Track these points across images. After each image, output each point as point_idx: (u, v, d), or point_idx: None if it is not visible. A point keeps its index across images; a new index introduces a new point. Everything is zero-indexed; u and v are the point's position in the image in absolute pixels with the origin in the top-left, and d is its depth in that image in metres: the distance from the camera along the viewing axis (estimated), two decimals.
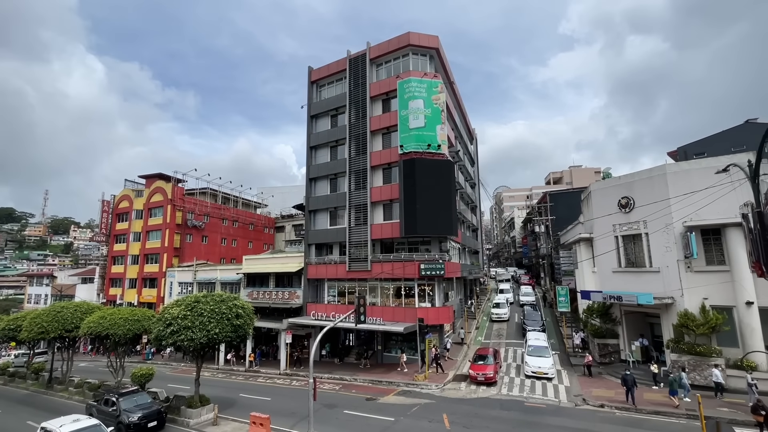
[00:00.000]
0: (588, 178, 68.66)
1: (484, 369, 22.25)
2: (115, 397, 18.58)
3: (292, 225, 57.06)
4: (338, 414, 19.10)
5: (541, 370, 22.16)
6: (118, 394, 18.89)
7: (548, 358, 23.05)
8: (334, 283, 32.32)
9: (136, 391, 19.87)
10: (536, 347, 23.95)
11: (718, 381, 17.64)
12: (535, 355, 23.22)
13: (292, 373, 28.48)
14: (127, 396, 18.85)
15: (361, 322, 15.73)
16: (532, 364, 22.51)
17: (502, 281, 63.85)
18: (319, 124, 35.97)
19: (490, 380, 21.78)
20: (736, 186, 17.12)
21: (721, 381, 17.61)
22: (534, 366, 22.38)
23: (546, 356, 23.08)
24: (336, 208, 33.35)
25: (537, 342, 24.75)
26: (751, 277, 18.46)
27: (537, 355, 23.17)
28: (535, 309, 37.94)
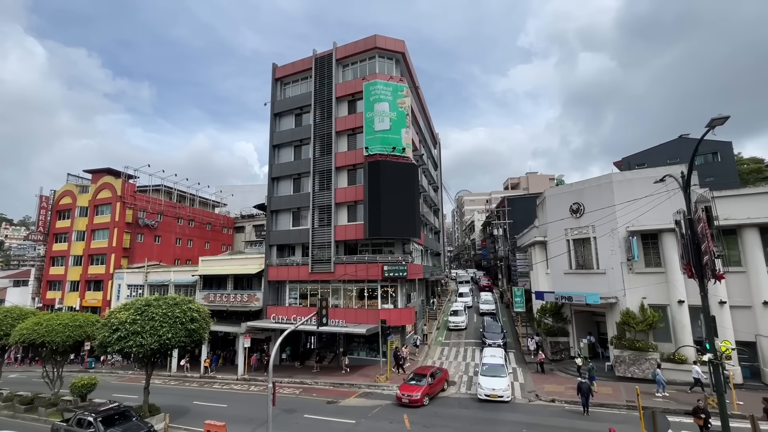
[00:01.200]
0: (543, 184, 72.35)
1: (411, 390, 19.58)
2: (92, 417, 15.81)
3: (252, 225, 55.37)
4: (298, 419, 18.77)
5: (495, 392, 19.28)
6: (96, 413, 16.08)
7: (504, 377, 19.97)
8: (296, 285, 31.74)
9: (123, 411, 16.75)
10: (491, 366, 20.82)
11: (697, 377, 18.66)
12: (490, 374, 20.22)
13: (250, 378, 27.60)
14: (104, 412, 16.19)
15: (324, 324, 15.55)
16: (486, 386, 19.58)
17: (462, 283, 63.35)
18: (282, 123, 35.25)
19: (414, 403, 19.16)
20: (671, 195, 18.73)
21: (700, 377, 18.60)
22: (487, 388, 19.47)
23: (501, 375, 20.06)
24: (299, 208, 32.80)
25: (492, 359, 21.54)
26: (682, 278, 20.25)
27: (492, 374, 20.20)
28: (496, 319, 35.30)
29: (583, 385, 17.25)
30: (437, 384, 20.87)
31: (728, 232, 20.22)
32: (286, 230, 32.96)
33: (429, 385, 20.00)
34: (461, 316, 37.12)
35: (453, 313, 38.26)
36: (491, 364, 21.03)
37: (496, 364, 21.05)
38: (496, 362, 21.21)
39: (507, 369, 21.15)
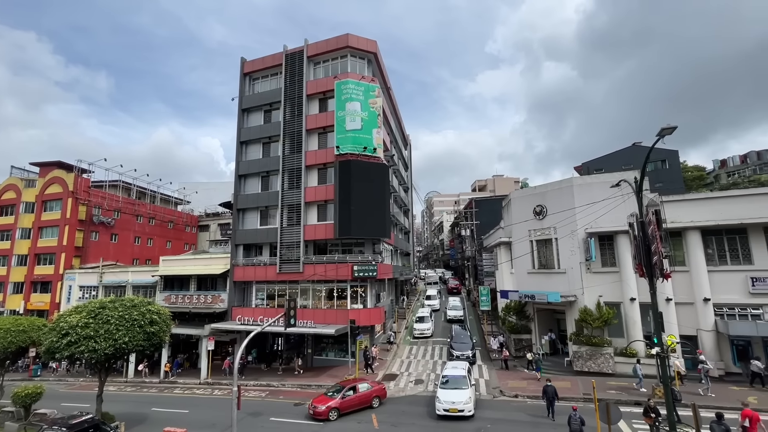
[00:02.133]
0: (509, 186, 74.77)
1: (320, 402, 18.51)
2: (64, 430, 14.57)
3: (217, 224, 53.55)
4: (264, 422, 18.38)
5: (455, 406, 17.28)
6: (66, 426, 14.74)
7: (465, 389, 17.98)
8: (263, 285, 31.03)
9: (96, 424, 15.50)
10: (452, 378, 18.79)
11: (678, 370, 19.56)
12: (450, 387, 18.25)
13: (214, 382, 26.69)
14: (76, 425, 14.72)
15: (291, 325, 15.30)
16: (445, 400, 17.47)
17: (430, 284, 61.71)
18: (251, 119, 34.35)
19: (318, 416, 18.03)
20: (625, 199, 19.92)
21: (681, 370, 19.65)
22: (447, 401, 17.39)
23: (463, 387, 18.11)
24: (267, 207, 32.09)
25: (454, 371, 19.44)
26: (634, 277, 21.57)
27: (452, 387, 18.23)
28: (465, 327, 32.33)
29: (548, 389, 16.73)
30: (356, 399, 19.02)
31: (674, 234, 21.76)
32: (254, 229, 32.15)
33: (343, 399, 18.63)
34: (427, 323, 34.59)
35: (418, 320, 35.18)
36: (453, 375, 19.00)
37: (457, 375, 19.01)
38: (458, 373, 19.14)
39: (469, 381, 18.85)
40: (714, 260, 21.55)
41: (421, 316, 35.69)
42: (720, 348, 20.70)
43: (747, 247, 21.05)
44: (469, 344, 26.60)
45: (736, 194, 23.10)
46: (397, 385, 23.08)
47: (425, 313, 36.44)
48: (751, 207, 20.78)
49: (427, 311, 37.53)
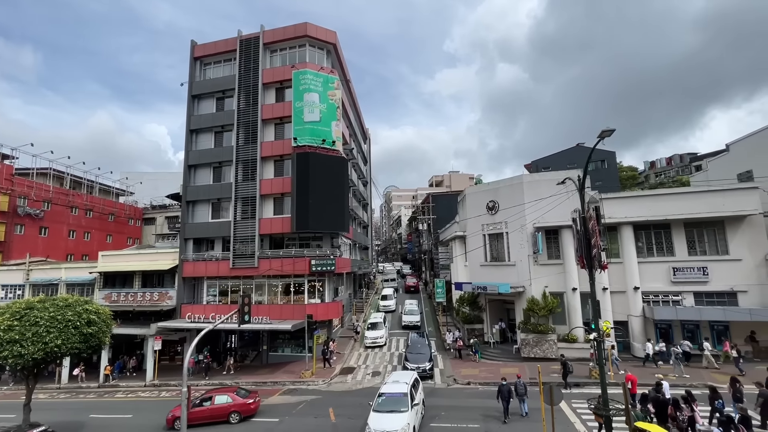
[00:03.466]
0: (464, 183, 77.22)
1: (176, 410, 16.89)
2: None
3: (165, 217, 50.40)
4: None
5: None
6: None
7: (404, 413, 14.46)
8: (215, 281, 29.77)
9: None
10: (389, 397, 15.25)
11: (647, 352, 21.21)
12: (385, 409, 14.80)
13: (161, 383, 25.29)
14: None
15: (246, 322, 14.84)
16: (375, 427, 13.99)
17: (387, 281, 56.18)
18: (202, 106, 32.54)
19: (168, 423, 17.49)
20: (569, 195, 21.34)
21: (649, 352, 21.16)
22: (378, 428, 13.94)
23: (401, 410, 14.58)
24: (220, 199, 30.70)
25: (394, 387, 15.85)
26: (576, 269, 23.23)
27: (388, 409, 14.77)
28: (423, 335, 27.38)
29: (503, 388, 15.66)
30: (207, 412, 17.82)
31: (611, 229, 23.68)
32: (205, 223, 30.65)
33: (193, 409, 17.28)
34: (380, 330, 29.94)
35: (371, 327, 30.50)
36: (390, 394, 15.40)
37: (396, 394, 15.32)
38: (397, 391, 15.48)
39: (411, 401, 14.97)
40: (643, 252, 23.77)
41: (374, 322, 30.93)
42: (646, 331, 22.95)
43: (670, 241, 23.43)
44: (427, 355, 23.28)
45: (661, 193, 25.65)
46: (354, 378, 23.26)
47: (378, 318, 31.81)
48: (674, 205, 23.13)
49: (380, 317, 32.53)
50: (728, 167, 29.54)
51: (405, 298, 45.83)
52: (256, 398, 18.52)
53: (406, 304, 38.29)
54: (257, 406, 18.33)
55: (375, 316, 33.04)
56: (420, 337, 26.48)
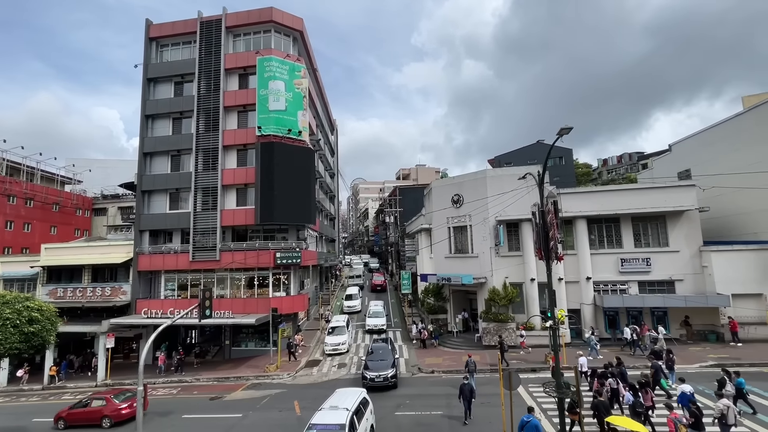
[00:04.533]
0: (430, 176, 78.34)
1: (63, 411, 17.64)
2: None
3: (118, 207, 47.40)
4: (175, 420, 17.19)
5: None
6: None
7: None
8: (174, 275, 28.53)
9: None
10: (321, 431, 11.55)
11: (626, 337, 22.35)
12: None
13: (114, 383, 24.02)
14: None
15: (207, 317, 14.35)
16: None
17: (352, 278, 52.24)
18: (159, 90, 30.74)
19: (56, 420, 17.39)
20: (530, 190, 22.24)
21: (627, 337, 22.24)
22: None
23: None
24: (178, 189, 29.31)
25: (330, 417, 12.12)
26: (534, 260, 24.40)
27: None
28: (387, 340, 23.40)
29: (465, 387, 14.61)
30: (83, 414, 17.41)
31: (567, 223, 24.99)
32: (162, 214, 29.18)
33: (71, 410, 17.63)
34: (342, 336, 26.30)
35: (332, 331, 27.03)
36: (322, 427, 11.67)
37: (330, 426, 11.61)
38: (333, 422, 11.78)
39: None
40: (595, 245, 25.33)
41: (335, 326, 27.41)
42: (596, 318, 24.57)
43: (619, 234, 25.11)
44: (390, 361, 19.73)
45: (612, 189, 27.37)
46: (320, 371, 23.24)
47: (340, 322, 28.08)
48: (622, 200, 24.78)
49: (343, 320, 28.78)
50: (670, 166, 31.98)
51: (371, 297, 42.98)
52: (132, 404, 16.93)
53: (371, 305, 34.02)
54: (131, 412, 16.82)
55: (337, 319, 29.08)
56: (383, 342, 22.76)
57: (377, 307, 33.01)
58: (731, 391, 13.35)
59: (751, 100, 35.83)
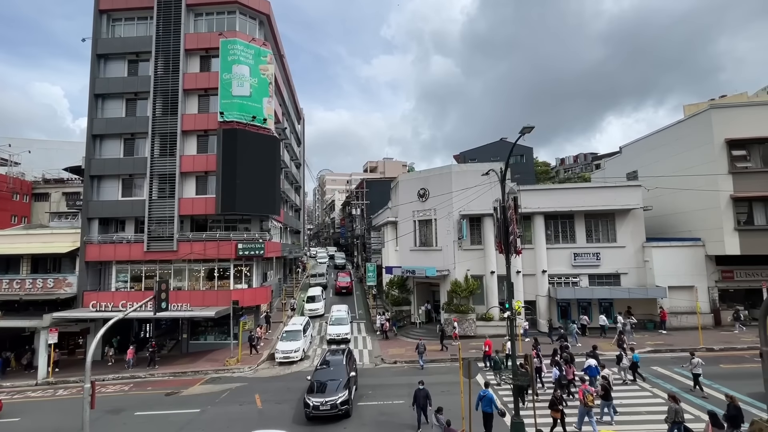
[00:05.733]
0: (397, 170, 78.79)
1: None
2: None
3: (62, 193, 43.85)
4: (127, 418, 16.41)
5: None
6: None
7: None
8: (127, 266, 27.00)
9: None
10: None
11: (603, 323, 23.88)
12: None
13: (57, 380, 22.47)
14: None
15: (163, 309, 13.74)
16: None
17: (315, 276, 46.88)
18: (110, 68, 28.63)
19: None
20: (492, 186, 23.02)
21: (605, 323, 23.77)
22: None
23: None
24: (132, 175, 27.63)
25: None
26: (495, 254, 25.32)
27: None
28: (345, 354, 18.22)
29: (419, 393, 13.60)
30: None
31: (525, 218, 26.13)
32: (114, 201, 27.42)
33: None
34: (296, 342, 23.34)
35: (285, 336, 23.99)
36: None
37: None
38: None
39: None
40: (551, 240, 26.70)
41: (290, 330, 24.48)
42: (550, 309, 26.01)
43: (573, 230, 26.62)
44: (341, 382, 15.47)
45: (567, 187, 28.95)
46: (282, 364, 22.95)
47: (296, 326, 24.81)
48: (577, 198, 26.26)
49: (300, 323, 25.47)
50: (621, 167, 34.20)
51: (335, 301, 37.95)
52: None
53: (334, 311, 29.21)
54: None
55: (294, 323, 25.82)
56: (340, 354, 18.38)
57: (340, 313, 28.27)
58: (626, 364, 16.75)
59: (690, 108, 38.90)
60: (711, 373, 17.10)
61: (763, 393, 11.78)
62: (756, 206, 23.54)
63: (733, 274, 24.79)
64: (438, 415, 12.01)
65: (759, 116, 23.82)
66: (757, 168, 23.66)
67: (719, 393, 15.14)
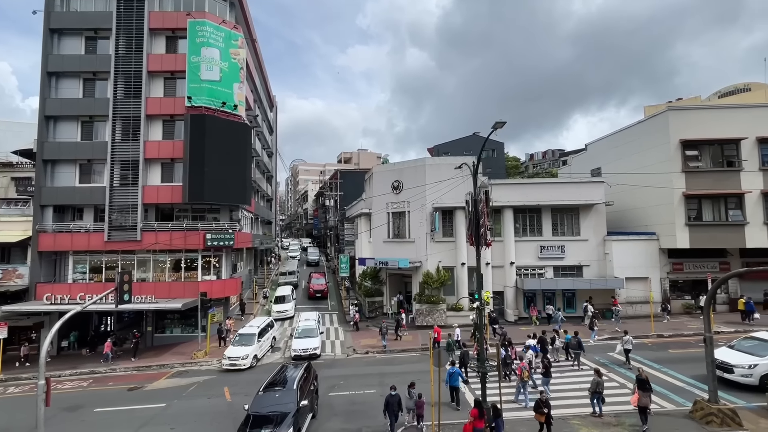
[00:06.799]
0: (372, 161, 78.67)
1: None
2: None
3: (11, 178, 40.59)
4: (86, 415, 15.72)
5: None
6: None
7: None
8: (85, 256, 25.61)
9: None
10: None
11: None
12: None
13: (7, 377, 21.13)
14: None
15: (125, 302, 13.19)
16: None
17: (284, 274, 41.63)
18: (65, 44, 26.72)
19: None
20: (464, 179, 23.38)
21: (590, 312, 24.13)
22: None
23: None
24: (90, 161, 26.11)
25: None
26: (466, 246, 25.88)
27: None
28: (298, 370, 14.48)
29: (392, 400, 12.39)
30: None
31: (496, 211, 26.84)
32: (71, 187, 25.84)
33: None
34: (247, 347, 20.65)
35: (238, 340, 21.34)
36: None
37: None
38: None
39: None
40: (519, 232, 27.60)
41: (244, 333, 21.65)
42: (517, 299, 27.00)
43: (540, 223, 27.63)
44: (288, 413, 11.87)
45: (536, 182, 29.95)
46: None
47: (252, 329, 21.95)
48: (544, 193, 27.24)
49: (257, 325, 22.42)
50: (586, 163, 35.67)
51: (308, 306, 33.29)
52: None
53: (302, 320, 24.05)
54: None
55: (251, 325, 22.96)
56: (295, 371, 14.47)
57: (309, 323, 23.04)
58: (559, 345, 18.85)
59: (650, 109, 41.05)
60: (661, 358, 18.42)
61: (705, 375, 12.85)
62: (705, 203, 25.28)
63: (682, 266, 26.61)
64: (411, 390, 12.86)
65: (710, 119, 25.47)
66: (707, 168, 25.37)
67: (668, 376, 16.36)
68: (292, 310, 30.79)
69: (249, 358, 20.36)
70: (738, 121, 25.15)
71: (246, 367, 20.10)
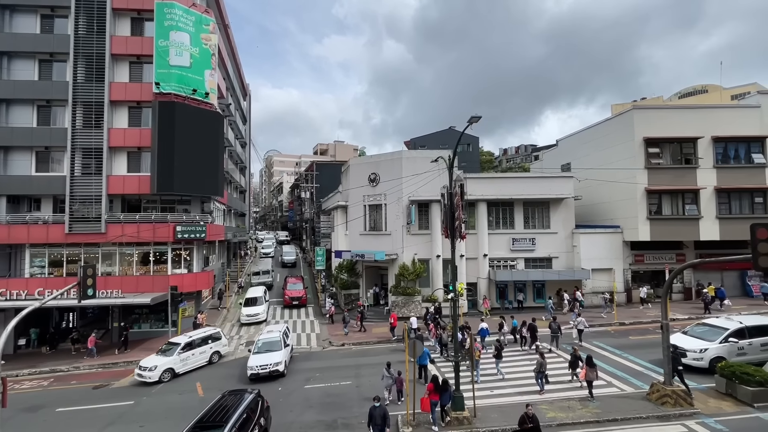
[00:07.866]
0: (348, 153, 78.04)
1: None
2: None
3: None
4: (47, 415, 15.06)
5: None
6: None
7: None
8: (44, 249, 24.26)
9: None
10: None
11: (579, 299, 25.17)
12: None
13: None
14: None
15: (89, 297, 12.60)
16: None
17: (258, 274, 37.51)
18: (18, 21, 24.91)
19: None
20: (440, 173, 23.71)
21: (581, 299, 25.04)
22: None
23: None
24: (48, 148, 24.60)
25: None
26: (441, 238, 26.30)
27: None
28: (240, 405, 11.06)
29: (375, 412, 11.27)
30: None
31: (470, 205, 27.34)
32: (26, 176, 24.30)
33: None
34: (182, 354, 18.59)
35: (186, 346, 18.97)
36: None
37: None
38: None
39: None
40: (492, 225, 28.26)
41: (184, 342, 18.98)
42: (489, 290, 27.74)
43: (512, 216, 28.38)
44: None
45: (509, 176, 30.71)
46: (225, 349, 22.22)
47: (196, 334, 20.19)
48: (517, 187, 27.98)
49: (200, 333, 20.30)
50: (557, 158, 36.82)
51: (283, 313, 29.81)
52: None
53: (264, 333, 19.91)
54: None
55: (204, 330, 21.18)
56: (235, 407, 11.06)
57: (272, 335, 19.13)
58: (507, 330, 20.28)
59: (617, 108, 42.73)
60: (622, 344, 19.47)
61: (662, 359, 13.70)
62: (665, 198, 26.73)
63: (643, 258, 28.10)
64: (390, 370, 14.52)
65: (671, 119, 26.84)
66: (667, 165, 26.77)
67: (628, 361, 17.34)
68: (265, 314, 27.23)
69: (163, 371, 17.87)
70: (695, 121, 26.62)
71: (163, 380, 17.76)
